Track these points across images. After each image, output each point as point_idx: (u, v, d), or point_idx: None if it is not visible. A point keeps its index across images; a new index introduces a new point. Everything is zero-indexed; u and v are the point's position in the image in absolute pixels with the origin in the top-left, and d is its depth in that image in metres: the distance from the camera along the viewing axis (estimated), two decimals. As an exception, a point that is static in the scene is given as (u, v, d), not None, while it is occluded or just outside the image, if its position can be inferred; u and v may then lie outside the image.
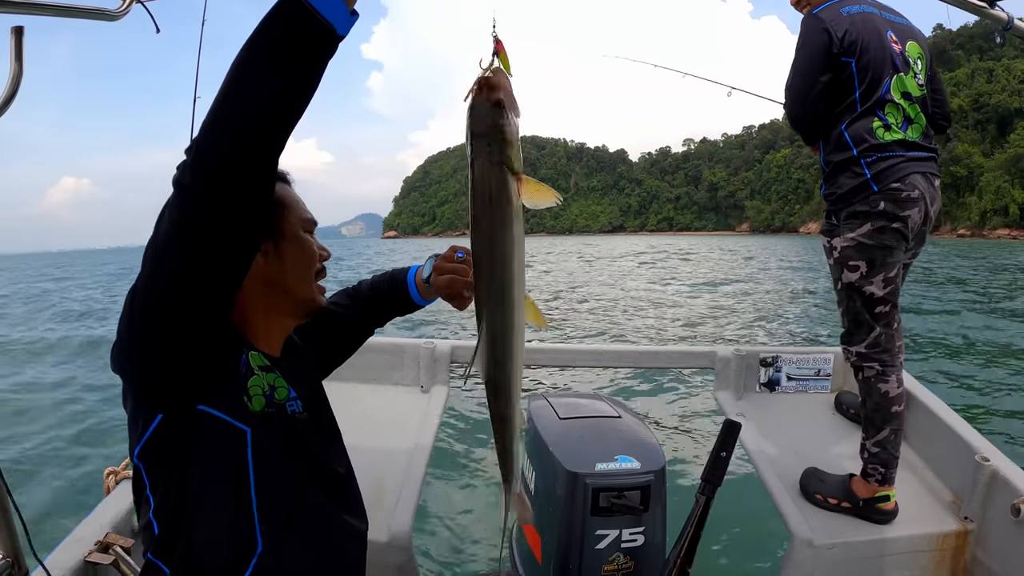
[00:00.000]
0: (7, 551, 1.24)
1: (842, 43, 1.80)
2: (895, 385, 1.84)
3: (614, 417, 1.65)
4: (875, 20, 1.86)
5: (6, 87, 1.16)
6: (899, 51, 1.84)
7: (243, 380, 0.93)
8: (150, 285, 0.79)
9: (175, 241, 0.77)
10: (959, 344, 8.72)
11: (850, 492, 1.86)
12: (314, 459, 1.04)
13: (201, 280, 0.78)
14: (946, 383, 6.47)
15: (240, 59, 0.73)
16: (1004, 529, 1.71)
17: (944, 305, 12.57)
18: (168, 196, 0.78)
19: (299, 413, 1.01)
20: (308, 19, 0.72)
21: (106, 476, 1.65)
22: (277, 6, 0.72)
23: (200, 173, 0.74)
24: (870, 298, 1.83)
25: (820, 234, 1.97)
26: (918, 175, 1.77)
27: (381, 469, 1.88)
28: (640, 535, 1.37)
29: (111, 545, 1.42)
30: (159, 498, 0.87)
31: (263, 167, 0.77)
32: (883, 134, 1.79)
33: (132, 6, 1.37)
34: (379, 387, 2.38)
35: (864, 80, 1.81)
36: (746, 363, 2.48)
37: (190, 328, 0.82)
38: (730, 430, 1.38)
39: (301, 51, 0.73)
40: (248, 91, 0.73)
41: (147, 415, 0.87)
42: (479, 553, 2.99)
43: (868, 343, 1.86)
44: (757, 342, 8.84)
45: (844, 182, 1.84)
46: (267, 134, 0.75)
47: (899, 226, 1.77)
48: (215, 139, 0.74)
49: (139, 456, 0.88)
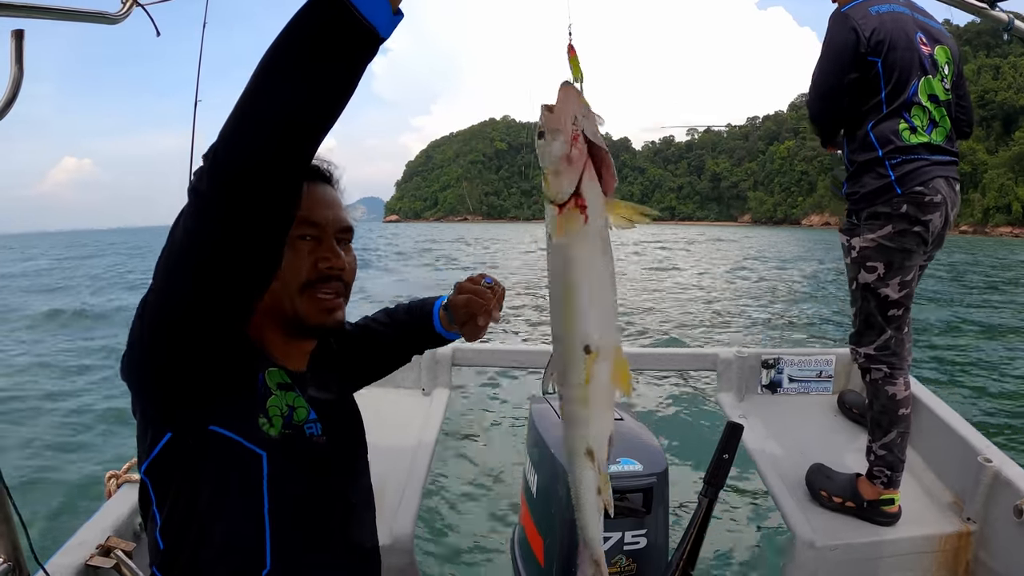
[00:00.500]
0: (8, 555, 1.24)
1: (869, 42, 1.77)
2: (903, 388, 1.83)
3: (616, 419, 1.64)
4: (905, 20, 1.83)
5: (6, 90, 1.17)
6: (928, 53, 1.82)
7: (261, 400, 0.88)
8: (162, 296, 0.74)
9: (189, 251, 0.71)
10: (959, 344, 8.72)
11: (856, 492, 1.85)
12: (331, 483, 0.98)
13: (216, 293, 0.73)
14: (946, 383, 6.46)
15: (268, 59, 0.66)
16: (1006, 530, 1.71)
17: (945, 304, 12.57)
18: (177, 208, 0.74)
19: (317, 436, 0.94)
20: (347, 18, 0.64)
21: (107, 480, 1.65)
22: (311, 3, 0.65)
23: (218, 180, 0.68)
24: (884, 300, 1.82)
25: (839, 232, 1.94)
26: (941, 179, 1.76)
27: (383, 472, 1.87)
28: (643, 537, 1.37)
29: (112, 549, 1.42)
30: (166, 515, 0.84)
31: (287, 176, 0.70)
32: (909, 136, 1.77)
33: (132, 9, 1.37)
34: (380, 390, 2.38)
35: (891, 80, 1.78)
36: (748, 365, 2.48)
37: (202, 343, 0.76)
38: (732, 432, 1.37)
39: (337, 53, 0.65)
40: (275, 96, 0.66)
41: (155, 432, 0.83)
42: (481, 556, 2.98)
43: (878, 345, 1.85)
44: (760, 342, 8.84)
45: (868, 182, 1.82)
46: (295, 141, 0.68)
47: (920, 230, 1.75)
48: (236, 145, 0.68)
49: (146, 472, 0.85)
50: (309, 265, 0.93)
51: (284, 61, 0.66)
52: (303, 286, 0.92)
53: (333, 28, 0.64)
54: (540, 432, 1.58)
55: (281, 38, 0.65)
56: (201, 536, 0.83)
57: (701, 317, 11.20)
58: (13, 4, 1.19)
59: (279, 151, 0.67)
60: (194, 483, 0.83)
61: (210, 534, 0.83)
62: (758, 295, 14.56)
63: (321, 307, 0.94)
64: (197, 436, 0.82)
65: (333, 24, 0.64)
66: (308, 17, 0.65)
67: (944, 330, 9.78)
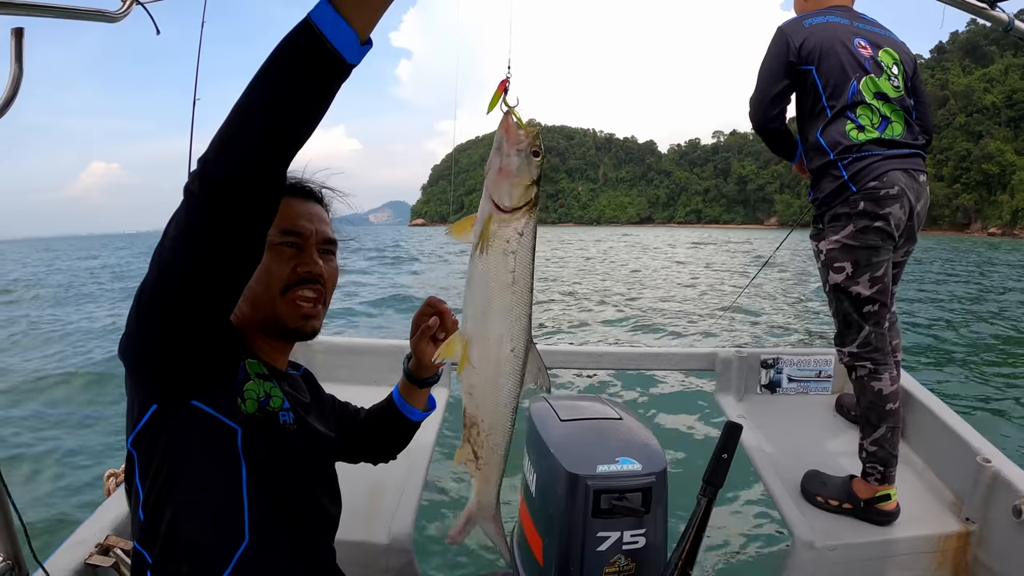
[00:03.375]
0: (7, 554, 1.24)
1: (799, 52, 1.87)
2: (888, 383, 1.84)
3: (615, 419, 1.65)
4: (839, 28, 1.89)
5: (6, 88, 1.17)
6: (868, 55, 1.86)
7: (240, 384, 0.97)
8: (154, 286, 0.82)
9: (179, 246, 0.79)
10: (959, 344, 8.72)
11: (851, 493, 1.85)
12: (302, 474, 1.05)
13: (202, 280, 0.80)
14: (946, 384, 6.47)
15: (255, 79, 0.75)
16: (1005, 530, 1.71)
17: (948, 304, 12.58)
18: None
19: (290, 424, 1.03)
20: (319, 48, 0.72)
21: (107, 478, 1.65)
22: (292, 31, 0.74)
23: (206, 183, 0.76)
24: (857, 298, 1.84)
25: (809, 238, 1.98)
26: (898, 171, 1.78)
27: (381, 472, 1.87)
28: (641, 537, 1.36)
29: (111, 547, 1.42)
30: (148, 487, 0.90)
31: (267, 180, 0.78)
32: (857, 135, 1.81)
33: (133, 7, 1.37)
34: (379, 389, 2.35)
35: (828, 85, 1.85)
36: (747, 365, 2.48)
37: (189, 325, 0.84)
38: (731, 432, 1.37)
39: (311, 77, 0.74)
40: (258, 111, 0.75)
41: (142, 404, 0.90)
42: (481, 555, 2.98)
43: (859, 343, 1.87)
44: (759, 342, 8.84)
45: (825, 186, 1.87)
46: (274, 151, 0.76)
47: (881, 224, 1.78)
48: (222, 153, 0.76)
49: (133, 443, 0.91)
50: (289, 269, 1.05)
51: (267, 82, 0.74)
52: (284, 289, 1.04)
53: (308, 55, 0.73)
54: (538, 431, 1.58)
55: (265, 62, 0.74)
56: (181, 508, 0.89)
57: (700, 317, 11.21)
58: (13, 2, 1.19)
59: (260, 159, 0.76)
60: (175, 456, 0.90)
61: (189, 505, 0.89)
62: (759, 295, 14.56)
63: (299, 312, 1.06)
64: (180, 409, 0.90)
65: (308, 52, 0.73)
66: (288, 46, 0.74)
67: (945, 329, 9.77)
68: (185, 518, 0.89)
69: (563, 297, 13.93)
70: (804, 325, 10.41)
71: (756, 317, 11.17)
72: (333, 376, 2.38)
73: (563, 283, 17.17)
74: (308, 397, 1.18)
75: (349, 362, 2.49)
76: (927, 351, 8.30)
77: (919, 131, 1.90)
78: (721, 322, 10.47)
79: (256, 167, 0.76)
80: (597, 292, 15.00)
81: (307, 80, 0.74)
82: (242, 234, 0.79)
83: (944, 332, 9.65)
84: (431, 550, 3.00)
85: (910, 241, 1.92)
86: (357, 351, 2.52)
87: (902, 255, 1.97)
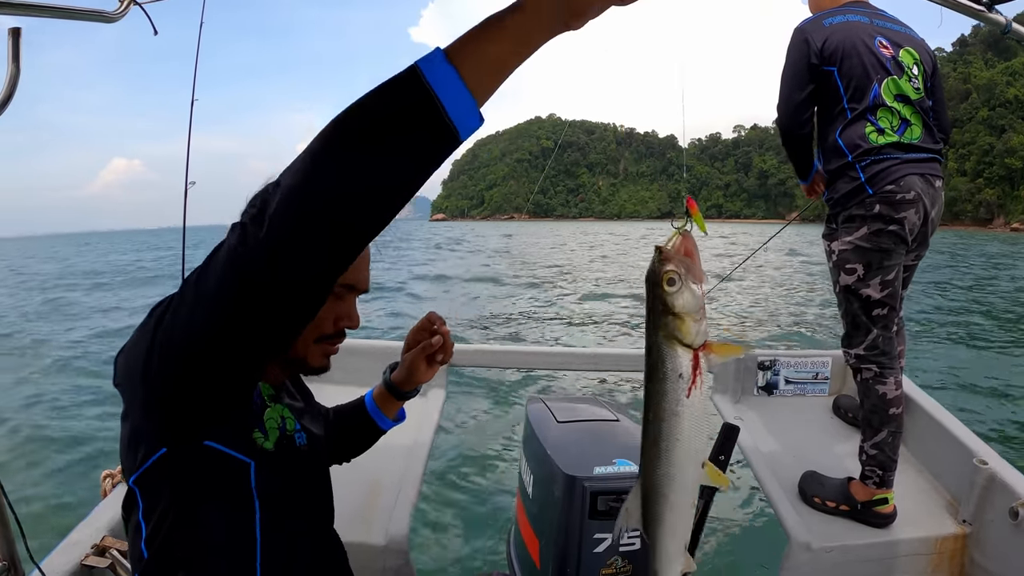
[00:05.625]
0: (3, 555, 1.24)
1: (821, 53, 1.84)
2: (893, 387, 1.84)
3: (612, 420, 1.65)
4: (860, 27, 1.86)
5: (3, 88, 1.16)
6: (890, 56, 1.84)
7: (258, 413, 0.89)
8: (185, 329, 0.69)
9: (223, 298, 0.65)
10: (959, 344, 8.74)
11: (849, 495, 1.85)
12: (312, 489, 1.02)
13: (252, 338, 0.68)
14: (946, 384, 6.48)
15: (323, 141, 0.60)
16: (1002, 532, 1.71)
17: (948, 304, 12.60)
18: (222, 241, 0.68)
19: (304, 446, 0.98)
20: (429, 111, 0.58)
21: (103, 479, 1.65)
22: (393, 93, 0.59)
23: (277, 289, 0.63)
24: (867, 300, 1.84)
25: (822, 237, 1.97)
26: (915, 176, 1.77)
27: (378, 473, 1.87)
28: (638, 539, 1.36)
29: (107, 548, 1.42)
30: (152, 527, 0.81)
31: (339, 263, 0.64)
32: (876, 138, 1.80)
33: (130, 8, 1.37)
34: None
35: (849, 87, 1.83)
36: (744, 366, 2.48)
37: (221, 379, 0.73)
38: (728, 434, 1.37)
39: (406, 146, 0.59)
40: (326, 185, 0.59)
41: (149, 446, 0.79)
42: (476, 557, 2.98)
43: (866, 345, 1.86)
44: (757, 343, 8.84)
45: (841, 187, 1.85)
46: (346, 244, 0.63)
47: (896, 228, 1.77)
48: (294, 253, 0.62)
49: (136, 482, 0.82)
50: (330, 321, 0.97)
51: (340, 146, 0.59)
52: (320, 338, 0.97)
53: (409, 117, 0.58)
54: (536, 432, 1.58)
55: (342, 118, 0.59)
56: (190, 553, 0.81)
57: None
58: (11, 2, 1.19)
59: (330, 258, 0.63)
60: (185, 497, 0.81)
61: (201, 546, 0.81)
62: (758, 295, 14.57)
63: (326, 354, 1.00)
64: (192, 451, 0.80)
65: (411, 113, 0.58)
66: (382, 99, 0.59)
67: (945, 329, 9.79)
68: (196, 559, 0.81)
69: (563, 297, 13.93)
70: (810, 325, 10.42)
71: (756, 316, 11.18)
72: (328, 377, 2.37)
73: (566, 282, 17.16)
74: (301, 402, 1.12)
75: (343, 363, 2.49)
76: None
77: (937, 134, 1.88)
78: (720, 323, 10.47)
79: (335, 268, 0.64)
80: (598, 292, 15.00)
81: (396, 149, 0.59)
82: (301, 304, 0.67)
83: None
84: (427, 551, 3.00)
85: (922, 246, 1.91)
86: (354, 352, 2.52)
87: (912, 259, 1.96)
